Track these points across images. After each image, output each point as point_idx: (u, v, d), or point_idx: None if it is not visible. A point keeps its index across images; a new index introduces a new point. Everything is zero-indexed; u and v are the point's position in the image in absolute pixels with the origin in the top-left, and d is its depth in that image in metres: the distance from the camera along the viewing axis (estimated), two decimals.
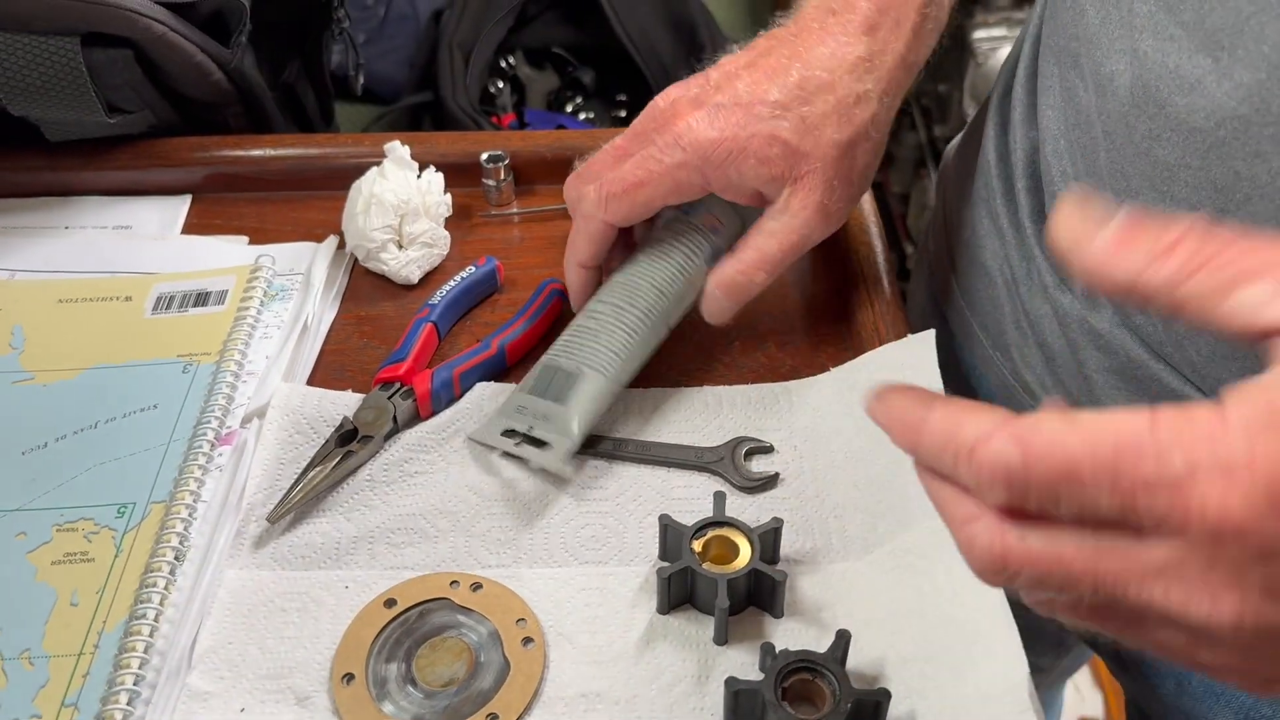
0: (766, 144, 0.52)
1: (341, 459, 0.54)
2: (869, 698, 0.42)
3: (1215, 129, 0.42)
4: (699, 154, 0.52)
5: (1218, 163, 0.42)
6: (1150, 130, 0.45)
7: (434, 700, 0.45)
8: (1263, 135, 0.40)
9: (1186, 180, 0.44)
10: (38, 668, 0.47)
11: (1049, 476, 0.29)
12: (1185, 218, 0.31)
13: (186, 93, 0.70)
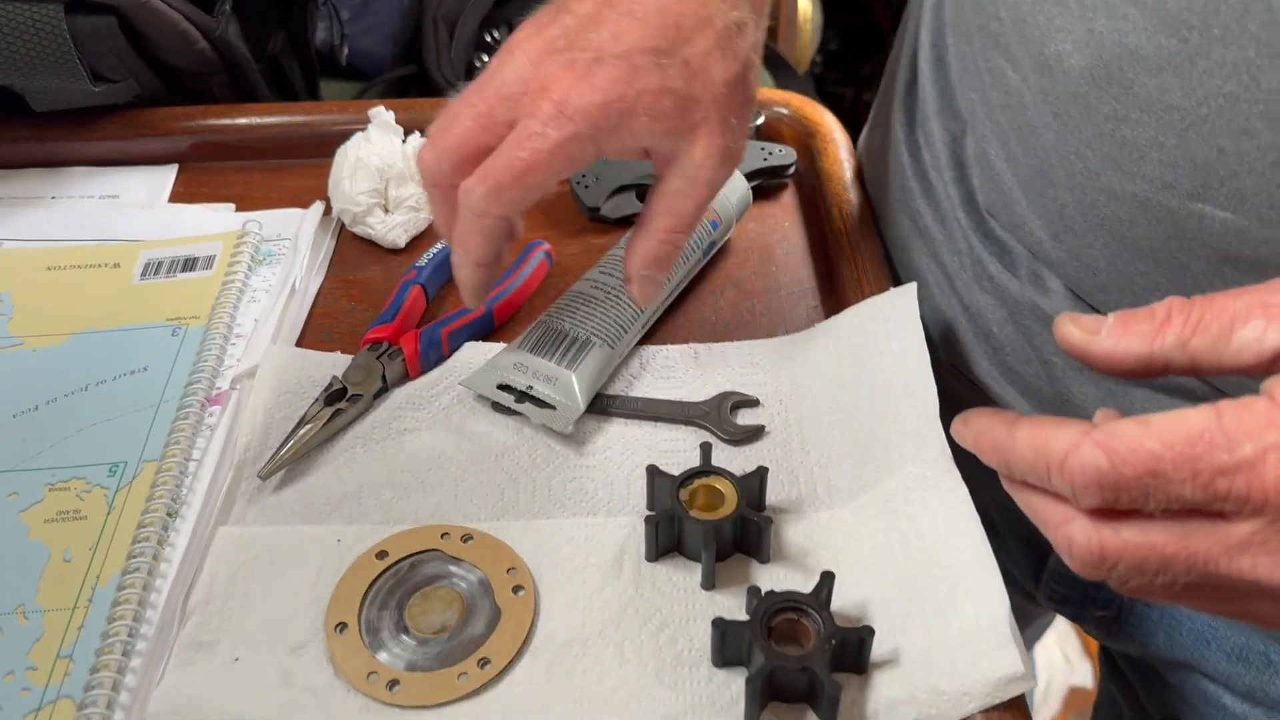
0: (656, 99, 0.46)
1: (331, 417, 0.54)
2: (853, 635, 0.43)
3: (1196, 107, 0.42)
4: (589, 122, 0.46)
5: (1197, 140, 0.43)
6: (1115, 111, 0.45)
7: (427, 647, 0.45)
8: (1253, 112, 0.41)
9: (1159, 159, 0.44)
10: (32, 622, 0.48)
11: (1136, 475, 0.32)
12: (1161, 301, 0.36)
13: (171, 61, 0.70)
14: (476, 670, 0.44)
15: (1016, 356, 0.57)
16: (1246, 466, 0.31)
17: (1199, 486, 0.32)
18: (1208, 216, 0.44)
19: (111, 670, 0.45)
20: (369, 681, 0.44)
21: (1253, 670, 0.54)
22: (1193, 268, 0.46)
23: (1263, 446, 0.31)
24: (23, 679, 0.46)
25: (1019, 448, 0.36)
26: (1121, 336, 0.36)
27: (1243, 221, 0.43)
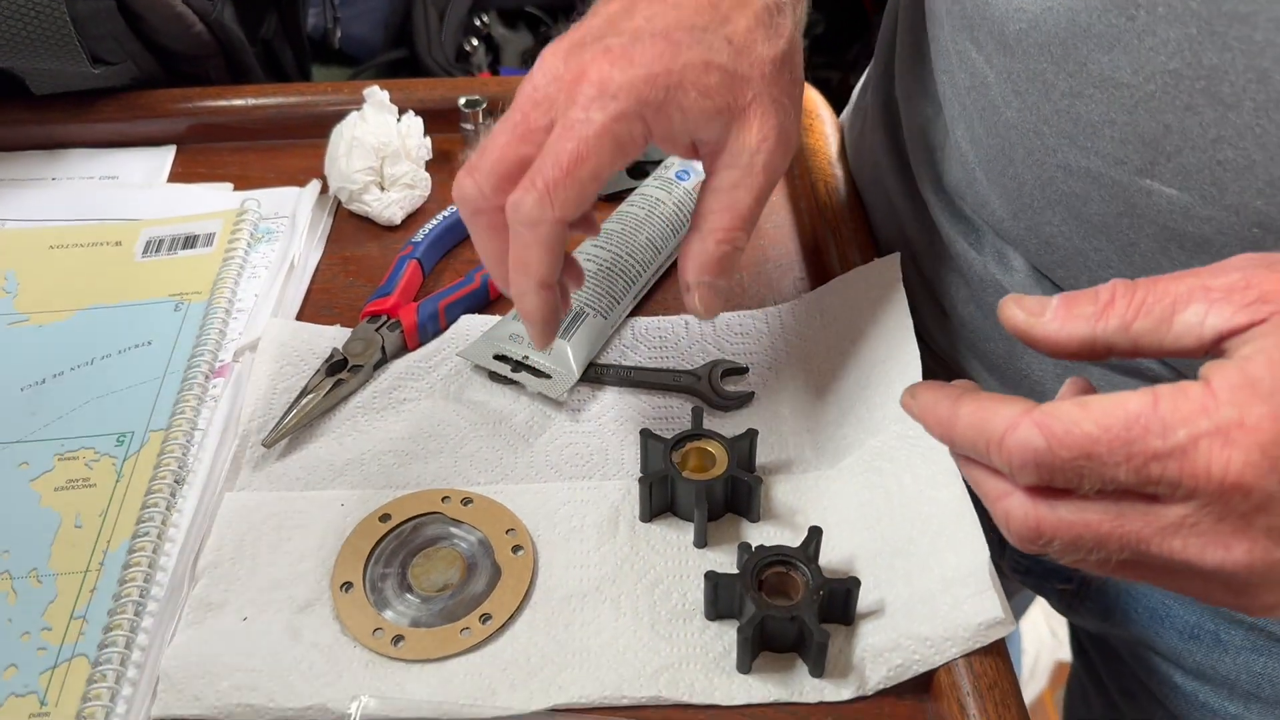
0: (702, 72, 0.43)
1: (333, 387, 0.56)
2: (840, 586, 0.44)
3: (1144, 84, 0.43)
4: (634, 98, 0.42)
5: (1146, 117, 0.44)
6: (1071, 88, 0.46)
7: (430, 604, 0.47)
8: (1194, 89, 0.42)
9: (1111, 135, 0.46)
10: (45, 585, 0.49)
11: (1072, 457, 0.33)
12: (1106, 283, 0.36)
13: (169, 45, 0.72)
14: (479, 625, 0.46)
15: (978, 333, 0.58)
16: (1179, 452, 0.32)
17: (1132, 470, 0.32)
18: (1155, 193, 0.45)
19: (124, 629, 0.47)
20: (374, 637, 0.46)
21: (1203, 648, 0.55)
22: (1142, 245, 0.47)
23: (1195, 433, 0.31)
24: (38, 638, 0.47)
25: (960, 425, 0.36)
26: (1065, 320, 0.36)
27: (1187, 198, 0.44)
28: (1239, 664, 0.54)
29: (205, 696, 0.44)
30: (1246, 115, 0.41)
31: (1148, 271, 0.47)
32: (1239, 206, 0.43)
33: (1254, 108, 0.41)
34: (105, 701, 0.44)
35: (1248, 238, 0.43)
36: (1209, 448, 0.31)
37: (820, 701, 0.44)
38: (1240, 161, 0.42)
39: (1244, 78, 0.41)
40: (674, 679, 0.45)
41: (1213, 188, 0.43)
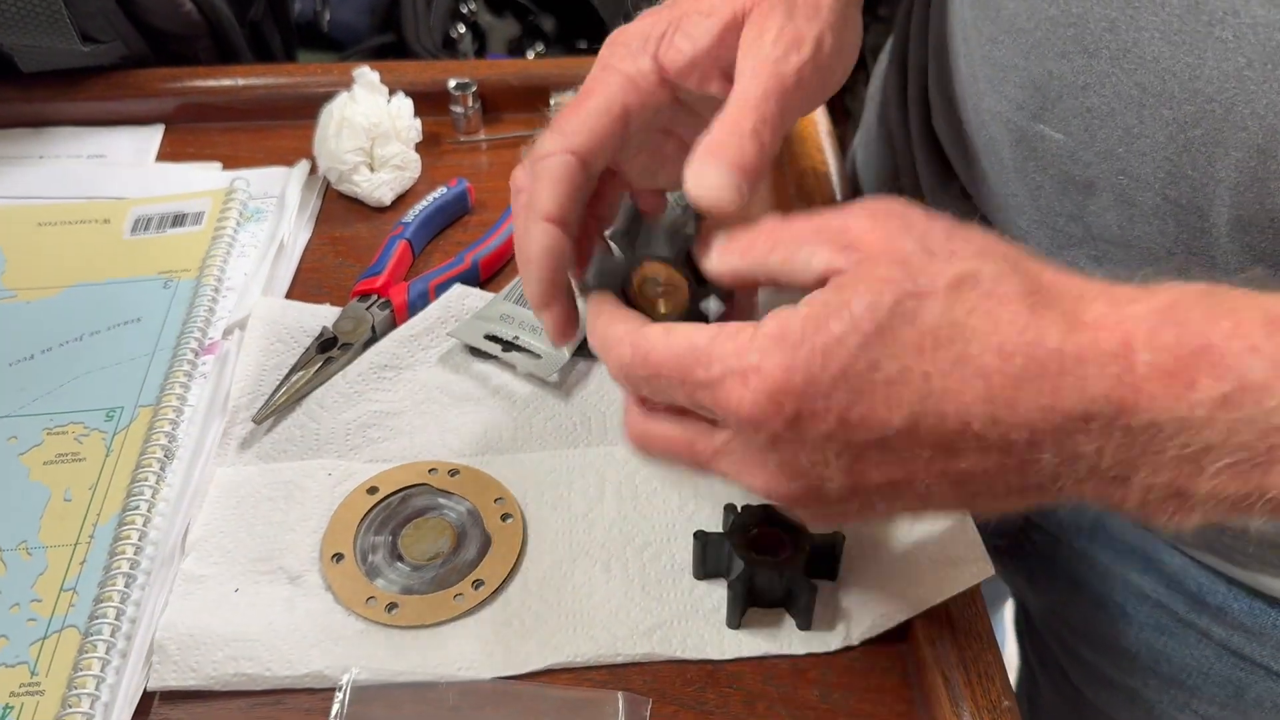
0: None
1: (322, 365, 0.56)
2: (825, 541, 0.45)
3: (1034, 30, 0.45)
4: (640, 37, 0.43)
5: (1036, 63, 0.46)
6: (991, 34, 0.48)
7: (421, 572, 0.48)
8: (1066, 35, 0.44)
9: (1015, 80, 0.48)
10: (35, 557, 0.49)
11: (644, 374, 0.37)
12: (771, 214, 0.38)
13: (158, 24, 0.72)
14: (471, 591, 0.46)
15: None
16: (713, 384, 0.35)
17: (686, 394, 0.36)
18: (1046, 137, 0.47)
19: (114, 601, 0.47)
20: (368, 606, 0.46)
21: (1108, 620, 0.57)
22: (1046, 188, 0.49)
23: (725, 370, 0.35)
24: (28, 610, 0.47)
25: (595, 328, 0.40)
26: (722, 254, 0.39)
27: (1070, 143, 0.46)
28: (1141, 640, 0.56)
29: (201, 667, 0.44)
30: (1104, 64, 0.43)
31: (1052, 214, 0.49)
32: (1107, 152, 0.45)
33: (1109, 56, 0.43)
34: (96, 672, 0.44)
35: (1117, 185, 0.45)
36: (730, 385, 0.35)
37: (808, 653, 0.46)
38: (1104, 108, 0.44)
39: (1099, 26, 0.43)
40: (666, 636, 0.45)
41: (1085, 134, 0.45)
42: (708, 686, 0.45)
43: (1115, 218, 0.46)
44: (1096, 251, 0.49)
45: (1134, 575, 0.55)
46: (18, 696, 0.44)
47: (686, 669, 0.45)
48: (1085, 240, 0.49)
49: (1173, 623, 0.54)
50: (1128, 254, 0.47)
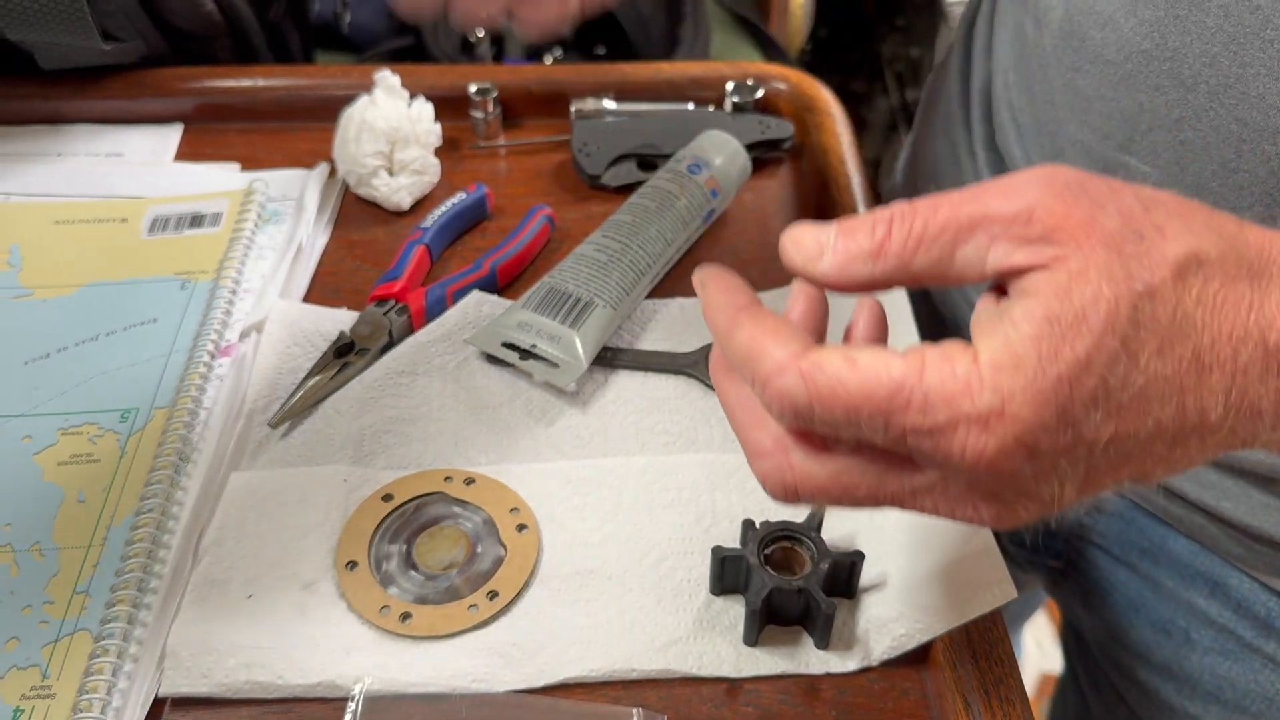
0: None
1: (339, 370, 0.56)
2: (844, 559, 0.45)
3: (1124, 62, 0.46)
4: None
5: (1126, 94, 0.46)
6: (1074, 63, 0.48)
7: (435, 582, 0.47)
8: (1161, 69, 0.44)
9: (1101, 110, 0.48)
10: (48, 559, 0.49)
11: (831, 415, 0.32)
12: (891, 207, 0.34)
13: (179, 23, 0.71)
14: (486, 602, 0.46)
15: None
16: (937, 431, 0.31)
17: (891, 438, 0.32)
18: (1133, 169, 0.47)
19: (127, 605, 0.46)
20: (382, 615, 0.46)
21: (1172, 644, 0.56)
22: None
23: (955, 416, 0.30)
24: (40, 612, 0.47)
25: (733, 346, 0.35)
26: (843, 263, 0.34)
27: (1158, 175, 0.46)
28: (1205, 665, 0.55)
29: (212, 674, 0.44)
30: (1202, 98, 0.43)
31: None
32: (1198, 186, 0.45)
33: (1208, 91, 0.43)
34: (107, 676, 0.44)
35: None
36: (966, 433, 0.31)
37: (826, 673, 0.45)
38: (1198, 142, 0.44)
39: (1199, 61, 0.43)
40: (682, 652, 0.45)
41: (1176, 166, 0.45)
42: (724, 704, 0.44)
43: None
44: None
45: (1199, 599, 0.54)
46: (29, 700, 0.44)
47: (702, 686, 0.45)
48: None
49: (1239, 648, 0.53)
50: None
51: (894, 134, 1.73)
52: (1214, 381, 0.31)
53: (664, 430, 0.54)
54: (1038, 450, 0.31)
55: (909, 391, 0.31)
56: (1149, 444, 0.32)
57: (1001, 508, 0.33)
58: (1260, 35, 0.41)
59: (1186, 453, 0.32)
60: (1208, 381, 0.31)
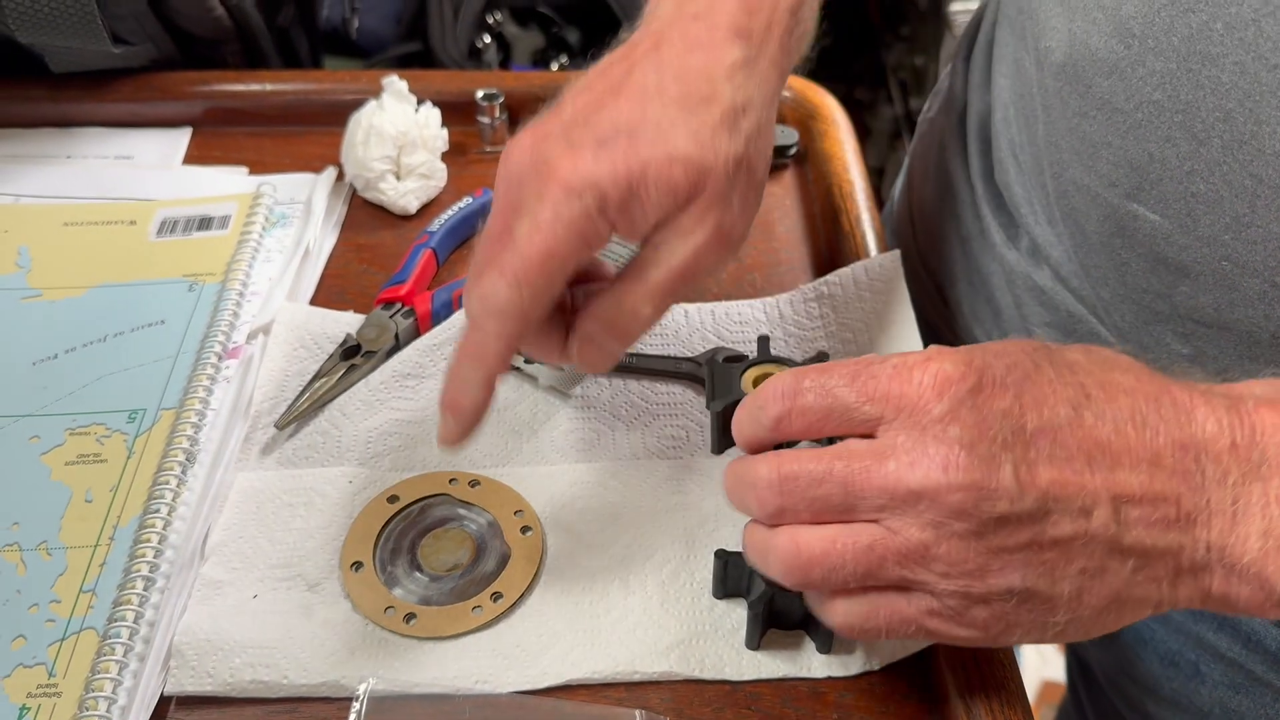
0: (666, 166, 0.42)
1: (346, 372, 0.56)
2: None
3: (1134, 111, 0.45)
4: (598, 197, 0.42)
5: (1135, 143, 0.46)
6: (1080, 108, 0.48)
7: (440, 583, 0.47)
8: (1172, 121, 0.44)
9: (1108, 158, 0.47)
10: (55, 558, 0.49)
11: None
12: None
13: (188, 27, 0.72)
14: (490, 603, 0.46)
15: (1010, 324, 0.59)
16: (890, 374, 0.38)
17: (856, 391, 0.38)
18: (1140, 217, 0.47)
19: (133, 604, 0.47)
20: (386, 615, 0.46)
21: (1181, 677, 0.56)
22: (1133, 265, 0.49)
23: (899, 362, 0.38)
24: (47, 610, 0.47)
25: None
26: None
27: (1167, 225, 0.46)
28: (1215, 698, 0.55)
29: (218, 673, 0.44)
30: (1215, 151, 0.43)
31: (1138, 290, 0.49)
32: (1210, 238, 0.45)
33: (1221, 145, 0.43)
34: (114, 675, 0.44)
35: (1219, 270, 0.45)
36: (909, 367, 0.38)
37: (828, 676, 0.45)
38: (1210, 195, 0.44)
39: (1213, 115, 0.42)
40: (684, 655, 0.45)
41: (1187, 218, 0.45)
42: (726, 707, 0.45)
43: (1212, 301, 0.46)
44: (1184, 330, 0.48)
45: (1209, 633, 0.54)
46: (35, 698, 0.44)
47: (705, 689, 0.45)
48: (1172, 318, 0.48)
49: (1248, 681, 0.53)
50: (1222, 335, 0.47)
51: (898, 142, 1.74)
52: (1123, 403, 0.37)
53: (668, 434, 0.54)
54: (974, 385, 0.36)
55: (860, 369, 0.38)
56: (1077, 444, 0.36)
57: (956, 452, 0.36)
58: (1277, 94, 0.40)
59: (1131, 492, 0.36)
60: (1119, 402, 0.37)
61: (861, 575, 0.37)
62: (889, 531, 0.37)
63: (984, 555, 0.36)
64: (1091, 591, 0.36)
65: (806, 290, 0.60)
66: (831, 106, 0.73)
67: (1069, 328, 0.55)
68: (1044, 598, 0.36)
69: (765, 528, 0.40)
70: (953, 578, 0.36)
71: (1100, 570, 0.36)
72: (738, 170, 0.45)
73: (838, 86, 1.77)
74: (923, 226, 0.70)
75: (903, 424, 0.37)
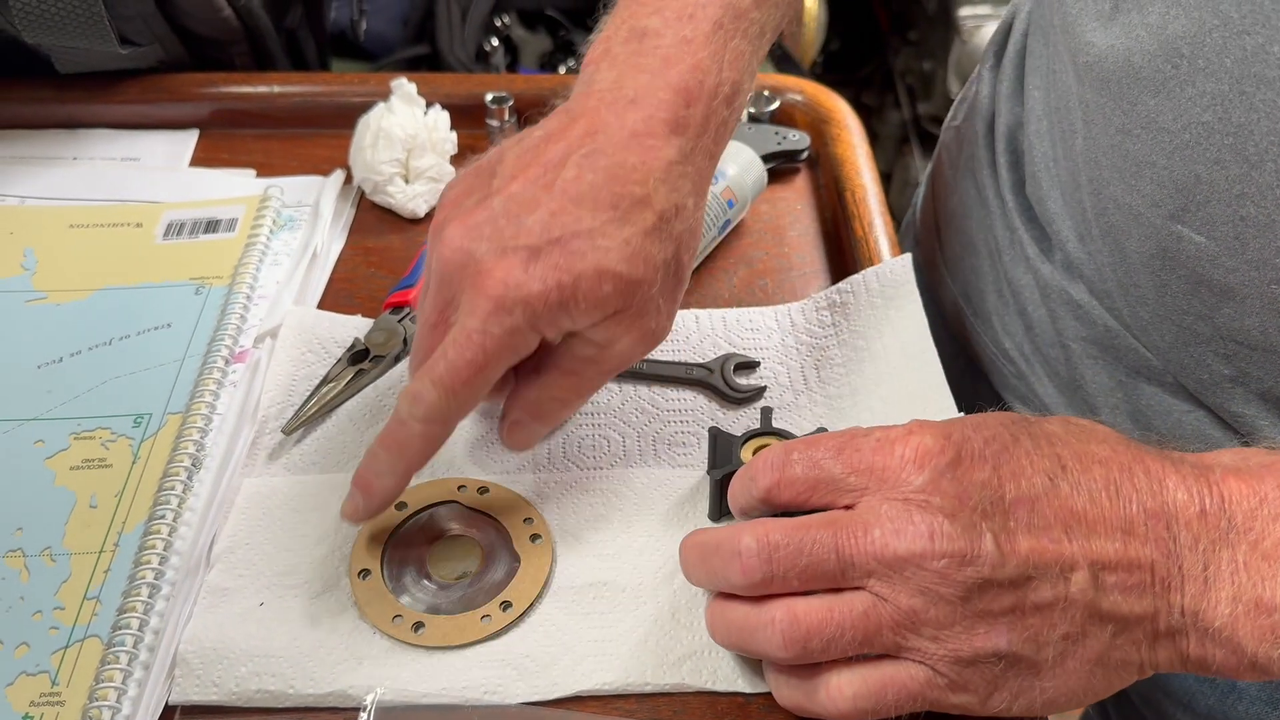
0: (596, 282, 0.43)
1: (354, 377, 0.56)
2: None
3: (1181, 131, 0.44)
4: (529, 314, 0.43)
5: (1181, 164, 0.45)
6: (1123, 125, 0.47)
7: (448, 591, 0.47)
8: (1223, 144, 0.43)
9: (1151, 177, 0.47)
10: (59, 564, 0.48)
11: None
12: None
13: (196, 29, 0.71)
14: (499, 612, 0.45)
15: (1043, 337, 0.59)
16: (875, 446, 0.40)
17: (843, 465, 0.40)
18: (1185, 238, 0.46)
19: (138, 611, 0.46)
20: (394, 624, 0.45)
21: (1217, 692, 0.55)
22: (1173, 286, 0.48)
23: (882, 436, 0.41)
24: (51, 618, 0.46)
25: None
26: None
27: (1214, 247, 0.45)
28: (1251, 713, 0.54)
29: (223, 682, 0.43)
30: (1269, 176, 0.42)
31: (1178, 312, 0.48)
32: (1260, 262, 0.44)
33: (1275, 169, 0.42)
34: (118, 683, 0.44)
35: (1268, 294, 0.44)
36: (892, 441, 0.40)
37: None
38: (1261, 219, 0.43)
39: (1267, 139, 0.42)
40: (697, 667, 0.44)
41: (1235, 241, 0.44)
42: (739, 719, 0.44)
43: (1259, 323, 0.45)
44: (1226, 351, 0.48)
45: None
46: (38, 706, 0.43)
47: (717, 701, 0.44)
48: (1214, 339, 0.48)
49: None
50: (1267, 358, 0.46)
51: (905, 147, 1.73)
52: (1097, 473, 0.39)
53: (680, 442, 0.53)
54: (954, 458, 0.38)
55: (846, 440, 0.41)
56: (1054, 514, 0.38)
57: (939, 521, 0.37)
58: None
59: (1108, 559, 0.38)
60: (1093, 472, 0.39)
61: (859, 643, 0.38)
62: (879, 599, 0.38)
63: (970, 618, 0.37)
64: (1075, 656, 0.38)
65: (819, 298, 0.60)
66: (844, 110, 0.72)
67: (1106, 343, 0.55)
68: (1029, 663, 0.38)
69: (749, 603, 0.40)
70: (943, 641, 0.37)
71: (1082, 635, 0.37)
72: (666, 274, 0.46)
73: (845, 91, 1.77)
74: (949, 237, 0.69)
75: (885, 495, 0.38)
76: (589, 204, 0.43)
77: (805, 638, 0.39)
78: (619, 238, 0.43)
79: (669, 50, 0.46)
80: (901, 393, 0.54)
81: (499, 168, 0.46)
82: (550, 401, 0.48)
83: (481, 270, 0.43)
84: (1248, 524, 0.37)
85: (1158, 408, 0.53)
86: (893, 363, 0.55)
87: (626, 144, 0.44)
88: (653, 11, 0.47)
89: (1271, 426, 0.48)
